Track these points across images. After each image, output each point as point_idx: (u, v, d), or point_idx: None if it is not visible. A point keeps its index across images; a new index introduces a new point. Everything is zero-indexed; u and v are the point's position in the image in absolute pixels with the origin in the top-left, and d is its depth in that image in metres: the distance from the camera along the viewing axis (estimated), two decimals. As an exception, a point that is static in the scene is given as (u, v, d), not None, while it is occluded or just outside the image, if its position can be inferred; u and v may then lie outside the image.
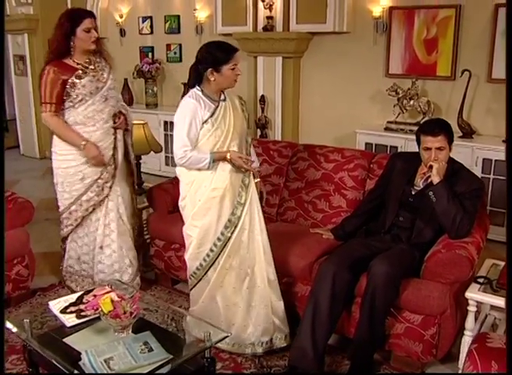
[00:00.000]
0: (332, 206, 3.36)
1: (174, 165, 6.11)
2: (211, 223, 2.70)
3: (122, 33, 6.74)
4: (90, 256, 3.20)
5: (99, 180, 3.09)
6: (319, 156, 3.49)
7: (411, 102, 4.68)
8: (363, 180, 3.33)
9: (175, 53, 6.38)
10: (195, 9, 6.03)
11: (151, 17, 6.47)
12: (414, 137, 4.48)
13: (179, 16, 6.27)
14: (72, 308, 2.26)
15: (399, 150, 4.60)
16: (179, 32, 6.32)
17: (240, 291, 2.77)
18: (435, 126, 2.73)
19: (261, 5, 5.31)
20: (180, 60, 6.37)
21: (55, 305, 2.33)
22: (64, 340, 2.19)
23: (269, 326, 2.80)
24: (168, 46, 6.39)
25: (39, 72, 3.09)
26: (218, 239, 2.71)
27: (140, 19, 6.58)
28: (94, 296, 2.31)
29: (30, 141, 7.45)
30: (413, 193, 2.82)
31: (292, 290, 2.96)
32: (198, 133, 2.64)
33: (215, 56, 2.61)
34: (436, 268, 2.53)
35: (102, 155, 3.04)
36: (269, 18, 5.28)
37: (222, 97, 2.71)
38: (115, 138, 3.13)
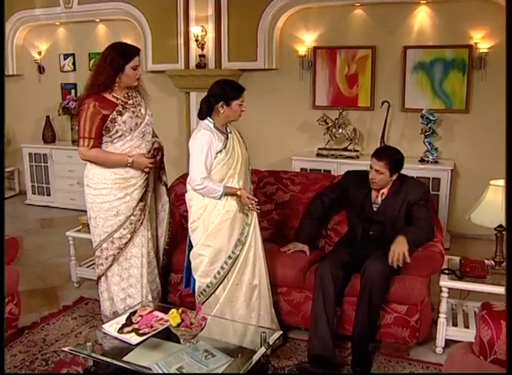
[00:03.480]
0: (303, 223, 3.81)
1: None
2: (223, 243, 3.01)
3: (41, 70, 6.71)
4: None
5: (132, 217, 3.11)
6: (285, 180, 3.94)
7: (340, 130, 5.36)
8: (328, 198, 3.83)
9: (100, 89, 6.49)
10: (121, 47, 6.25)
11: (73, 54, 6.54)
12: (344, 161, 5.23)
13: (104, 54, 6.43)
14: (128, 329, 2.42)
15: (332, 173, 5.21)
16: (104, 69, 6.46)
17: (250, 304, 3.09)
18: (383, 153, 3.20)
19: (193, 44, 5.72)
20: (106, 96, 6.50)
21: (109, 328, 2.46)
22: (124, 359, 2.35)
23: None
24: (93, 83, 6.48)
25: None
26: (229, 257, 3.03)
27: (62, 57, 6.62)
28: (141, 316, 2.50)
29: None
30: (374, 210, 3.27)
31: (287, 298, 3.34)
32: (212, 162, 2.97)
33: (226, 92, 2.99)
34: (416, 264, 3.07)
35: (150, 157, 3.10)
36: (201, 56, 5.70)
37: (229, 130, 3.09)
38: (148, 177, 3.18)
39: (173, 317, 2.25)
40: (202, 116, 3.06)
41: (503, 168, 5.08)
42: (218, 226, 3.00)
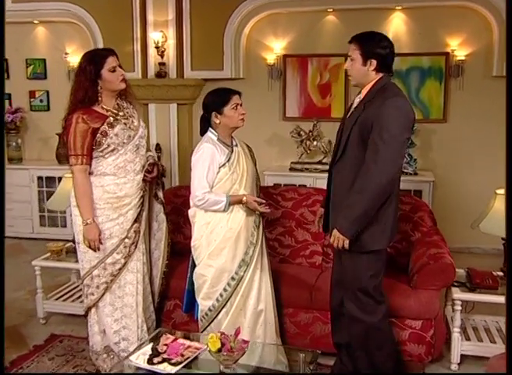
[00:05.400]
0: (298, 241, 3.92)
1: (51, 225, 6.09)
2: (226, 263, 3.06)
3: (-34, 77, 6.45)
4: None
5: (126, 240, 3.08)
6: (276, 196, 4.04)
7: (314, 143, 5.55)
8: (322, 214, 3.97)
9: (41, 101, 6.35)
10: (66, 54, 6.15)
11: (6, 60, 6.34)
12: (320, 175, 5.39)
13: (45, 60, 6.30)
14: (158, 359, 2.40)
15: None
16: (45, 77, 6.34)
17: (255, 331, 3.14)
18: (358, 34, 2.75)
19: (151, 51, 5.74)
20: (48, 109, 6.35)
21: (137, 360, 2.44)
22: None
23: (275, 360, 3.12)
24: (32, 93, 6.34)
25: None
26: (232, 278, 3.08)
27: (-8, 63, 6.41)
28: (166, 345, 2.50)
29: None
30: None
31: (293, 320, 3.43)
32: (215, 177, 3.03)
33: (214, 100, 3.09)
34: (428, 277, 3.24)
35: (100, 242, 3.02)
36: (162, 64, 5.73)
37: (234, 142, 3.16)
38: (143, 196, 3.17)
39: (213, 342, 2.27)
40: (201, 132, 3.19)
41: (481, 177, 5.49)
42: (221, 245, 3.05)
